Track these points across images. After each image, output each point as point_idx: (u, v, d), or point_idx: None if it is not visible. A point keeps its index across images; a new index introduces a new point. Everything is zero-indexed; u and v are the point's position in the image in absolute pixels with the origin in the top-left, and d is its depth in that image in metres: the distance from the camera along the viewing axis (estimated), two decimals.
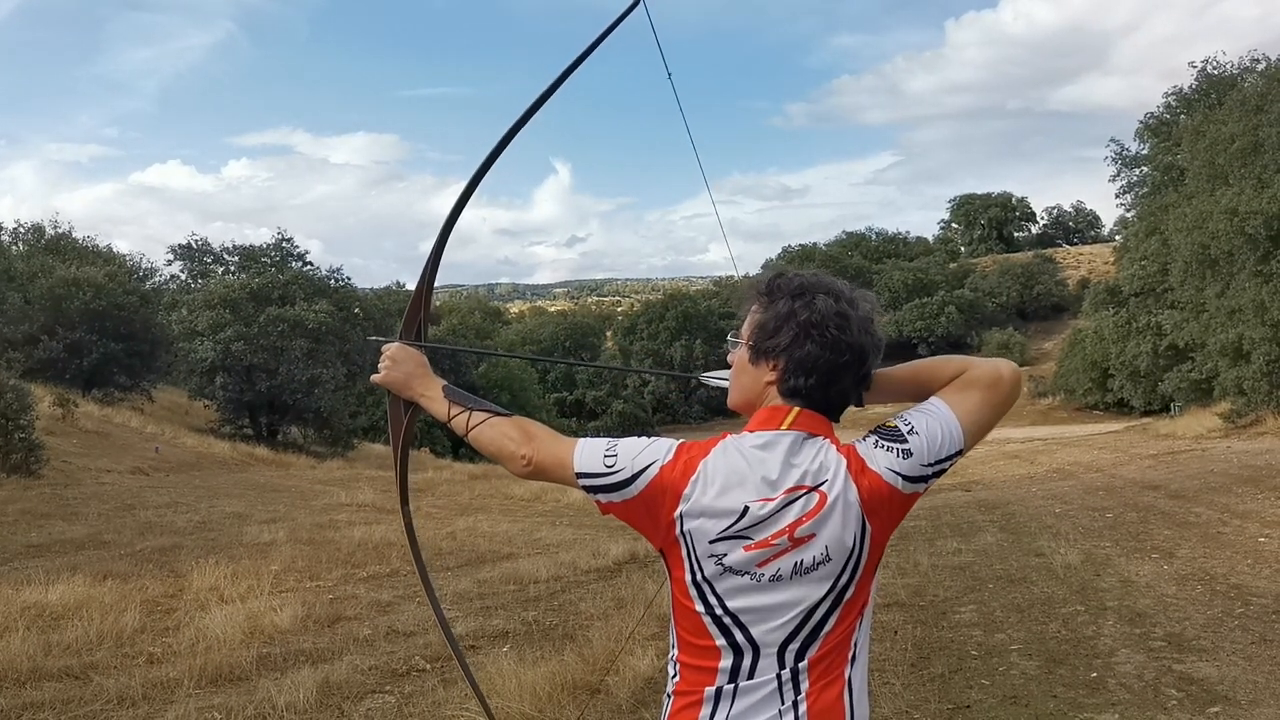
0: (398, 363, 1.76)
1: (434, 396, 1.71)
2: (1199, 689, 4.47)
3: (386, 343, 1.79)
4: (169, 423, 26.24)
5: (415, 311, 1.85)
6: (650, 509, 1.49)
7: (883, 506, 1.45)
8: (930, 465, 1.48)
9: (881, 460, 1.46)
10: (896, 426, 1.49)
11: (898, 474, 1.45)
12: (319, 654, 5.56)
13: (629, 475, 1.50)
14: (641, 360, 64.57)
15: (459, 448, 42.87)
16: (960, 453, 1.50)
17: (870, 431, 1.51)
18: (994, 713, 4.34)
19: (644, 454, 1.51)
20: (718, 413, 59.83)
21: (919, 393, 1.57)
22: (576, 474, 1.55)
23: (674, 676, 1.52)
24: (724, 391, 1.67)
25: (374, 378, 1.79)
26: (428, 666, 5.32)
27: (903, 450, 1.46)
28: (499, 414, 1.66)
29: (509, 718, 4.18)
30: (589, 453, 1.55)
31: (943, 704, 4.49)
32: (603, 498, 1.53)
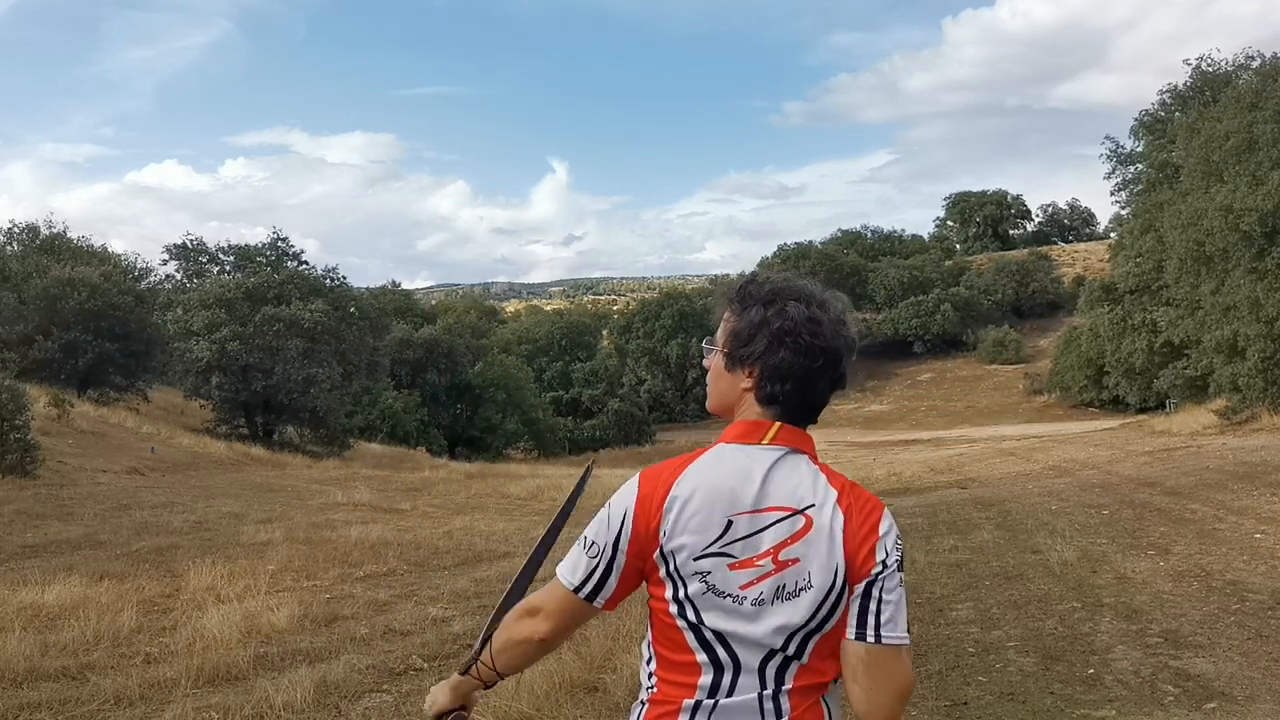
0: (441, 690, 1.71)
1: (462, 679, 1.67)
2: (1195, 685, 4.48)
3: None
4: (165, 422, 26.17)
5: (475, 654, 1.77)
6: (643, 554, 1.47)
7: (857, 557, 1.43)
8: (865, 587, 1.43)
9: (888, 543, 1.45)
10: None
11: (874, 559, 1.43)
12: (316, 653, 5.55)
13: (613, 539, 1.48)
14: (638, 359, 64.52)
15: (454, 447, 42.89)
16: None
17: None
18: (991, 709, 4.35)
19: (613, 513, 1.49)
20: None
21: None
22: (576, 591, 1.51)
23: (650, 687, 1.50)
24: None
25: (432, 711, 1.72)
26: (425, 665, 5.32)
27: (897, 566, 1.45)
28: (496, 623, 1.64)
29: (507, 716, 4.18)
30: (569, 563, 1.53)
31: (940, 701, 4.50)
32: (605, 590, 1.50)
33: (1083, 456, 18.81)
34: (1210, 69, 28.60)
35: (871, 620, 1.43)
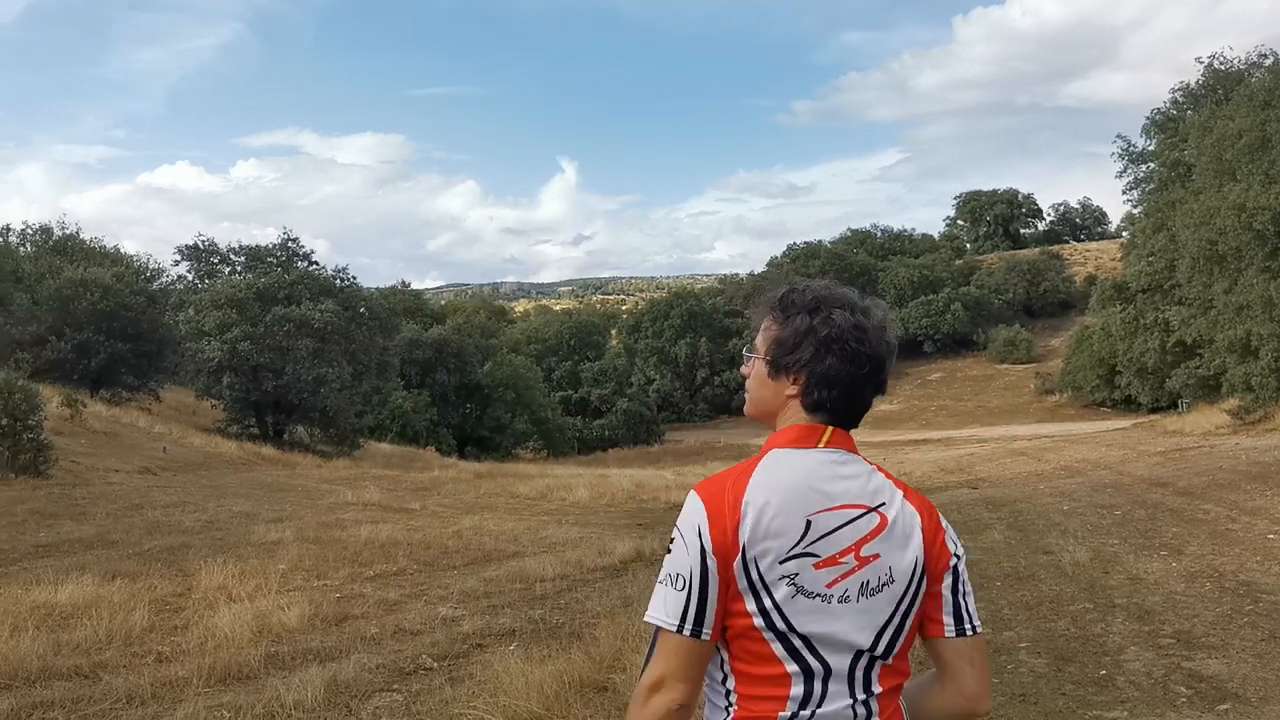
0: None
1: None
2: (1208, 686, 4.46)
3: None
4: (176, 422, 26.31)
5: None
6: (728, 562, 1.43)
7: (933, 550, 1.52)
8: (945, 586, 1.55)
9: (953, 535, 1.58)
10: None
11: (949, 551, 1.56)
12: (327, 652, 5.57)
13: (698, 558, 1.43)
14: (647, 358, 64.47)
15: (464, 447, 42.97)
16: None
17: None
18: (1003, 710, 4.33)
19: (687, 535, 1.45)
20: (723, 411, 59.77)
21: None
22: (680, 630, 1.43)
23: (728, 706, 1.46)
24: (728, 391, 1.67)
25: None
26: (435, 665, 5.33)
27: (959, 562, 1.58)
28: None
29: (517, 716, 4.18)
30: (660, 606, 1.45)
31: None
32: (708, 613, 1.43)
33: (1094, 456, 18.72)
34: (1222, 67, 28.45)
35: (966, 615, 1.53)
